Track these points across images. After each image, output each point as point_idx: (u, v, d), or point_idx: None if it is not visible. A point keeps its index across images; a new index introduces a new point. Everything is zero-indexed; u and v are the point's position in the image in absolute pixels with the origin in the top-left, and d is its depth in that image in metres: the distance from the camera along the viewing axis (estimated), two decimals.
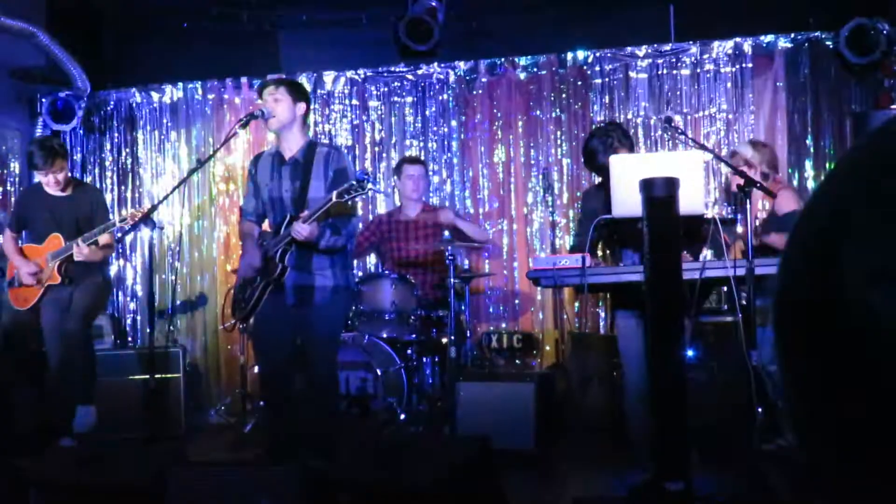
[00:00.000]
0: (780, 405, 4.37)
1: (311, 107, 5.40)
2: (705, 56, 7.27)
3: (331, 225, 4.64)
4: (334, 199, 4.46)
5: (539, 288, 7.00)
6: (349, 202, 4.58)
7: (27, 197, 6.36)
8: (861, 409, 0.72)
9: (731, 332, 4.87)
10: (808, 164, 7.07)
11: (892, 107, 6.64)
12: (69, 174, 6.18)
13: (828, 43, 6.97)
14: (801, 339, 0.77)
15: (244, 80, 7.97)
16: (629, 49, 7.39)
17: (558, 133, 7.53)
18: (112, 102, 8.21)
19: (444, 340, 6.28)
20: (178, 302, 7.95)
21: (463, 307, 6.55)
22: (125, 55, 7.97)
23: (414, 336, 6.30)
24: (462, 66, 7.69)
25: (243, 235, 5.09)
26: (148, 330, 6.60)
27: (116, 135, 8.22)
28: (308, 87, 7.78)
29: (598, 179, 5.06)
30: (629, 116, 7.38)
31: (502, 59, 7.61)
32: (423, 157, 7.51)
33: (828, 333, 0.73)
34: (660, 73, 7.35)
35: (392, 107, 7.84)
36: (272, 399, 4.91)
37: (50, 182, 5.95)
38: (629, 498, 4.00)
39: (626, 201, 4.12)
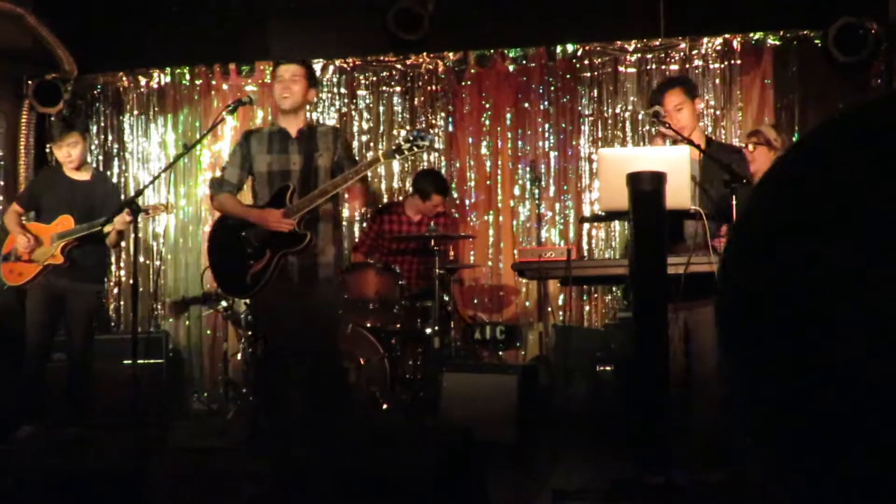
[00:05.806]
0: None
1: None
2: (694, 52, 7.28)
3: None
4: (382, 160, 4.83)
5: (524, 280, 7.02)
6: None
7: (45, 175, 6.34)
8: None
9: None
10: None
11: None
12: (86, 157, 6.14)
13: (816, 41, 6.99)
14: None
15: (232, 66, 7.93)
16: (618, 43, 7.39)
17: (546, 125, 7.53)
18: (99, 86, 8.16)
19: (428, 331, 6.28)
20: (161, 287, 7.92)
21: (447, 297, 6.54)
22: (113, 38, 7.89)
23: (398, 326, 6.29)
24: (451, 56, 7.67)
25: (228, 204, 4.87)
26: (131, 315, 6.56)
27: (102, 119, 8.17)
28: None
29: None
30: (617, 111, 7.39)
31: (492, 51, 7.60)
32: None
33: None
34: (649, 67, 7.35)
35: (380, 96, 7.82)
36: (271, 387, 4.89)
37: (63, 157, 5.90)
38: (611, 491, 4.01)
39: (614, 196, 4.13)
